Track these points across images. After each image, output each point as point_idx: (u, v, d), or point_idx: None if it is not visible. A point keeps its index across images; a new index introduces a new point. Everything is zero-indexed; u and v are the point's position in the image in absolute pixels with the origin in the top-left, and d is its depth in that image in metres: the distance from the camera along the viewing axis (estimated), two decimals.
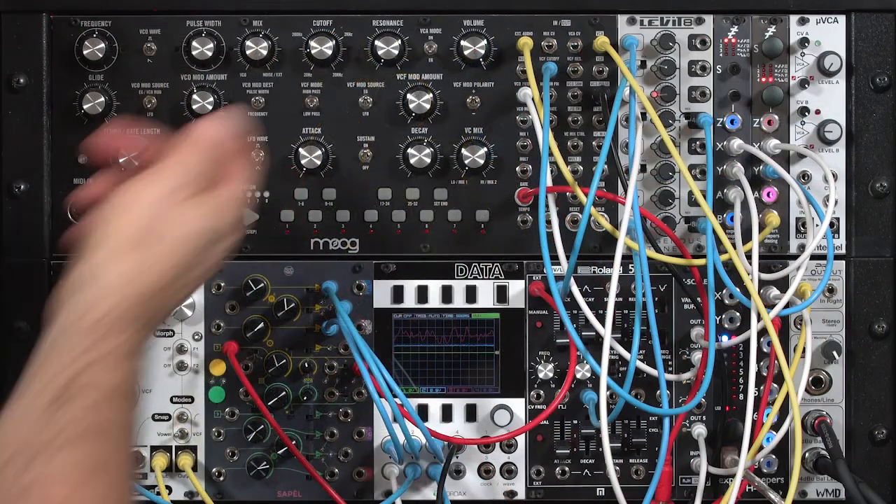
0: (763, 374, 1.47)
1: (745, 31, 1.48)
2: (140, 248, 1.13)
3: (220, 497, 1.50)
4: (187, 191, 1.16)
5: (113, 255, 1.12)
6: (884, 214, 1.48)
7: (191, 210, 1.16)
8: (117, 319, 1.10)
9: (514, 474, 1.50)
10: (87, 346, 1.08)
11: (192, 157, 1.18)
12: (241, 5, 1.47)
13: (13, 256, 1.48)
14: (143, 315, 1.12)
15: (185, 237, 1.15)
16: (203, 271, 1.18)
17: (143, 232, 1.13)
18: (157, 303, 1.13)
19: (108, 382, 1.08)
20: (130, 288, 1.11)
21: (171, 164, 1.17)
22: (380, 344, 1.49)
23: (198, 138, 1.19)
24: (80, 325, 1.09)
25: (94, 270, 1.12)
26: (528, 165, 1.48)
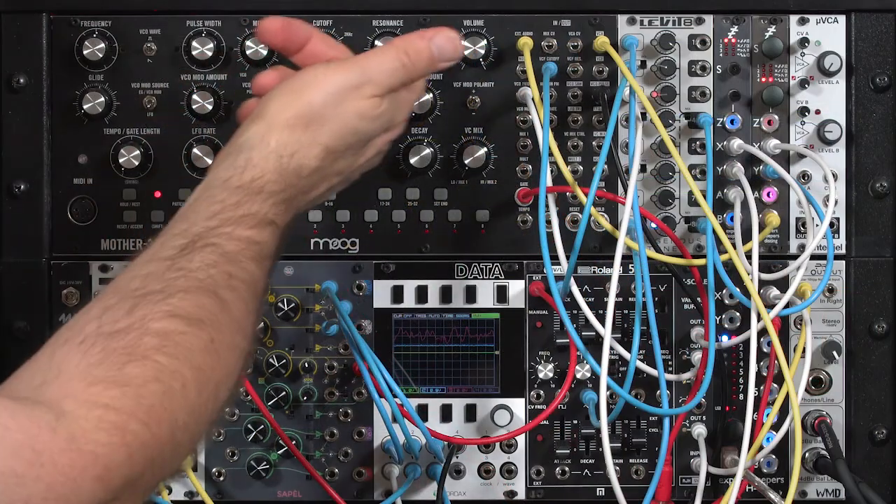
0: (763, 374, 1.47)
1: (745, 31, 1.48)
2: (308, 127, 1.17)
3: (220, 497, 1.50)
4: (374, 91, 1.19)
5: (280, 127, 1.16)
6: (884, 214, 1.48)
7: (366, 109, 1.19)
8: (266, 185, 1.14)
9: (514, 474, 1.50)
10: (230, 203, 1.12)
11: (398, 64, 1.21)
12: (241, 5, 1.47)
13: (13, 256, 1.48)
14: (288, 190, 1.15)
15: (349, 129, 1.19)
16: (354, 166, 1.23)
17: (315, 113, 1.17)
18: (305, 183, 1.17)
19: (237, 242, 1.10)
20: (287, 161, 1.15)
21: (373, 60, 1.20)
22: (380, 344, 1.49)
23: (415, 53, 1.22)
24: (230, 183, 1.13)
25: (258, 137, 1.16)
26: (528, 165, 1.48)
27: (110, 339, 0.98)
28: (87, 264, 1.48)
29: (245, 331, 1.08)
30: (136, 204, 1.48)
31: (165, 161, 1.48)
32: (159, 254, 1.08)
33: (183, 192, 1.48)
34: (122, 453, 0.93)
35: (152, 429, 0.95)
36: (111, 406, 0.93)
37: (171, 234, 1.10)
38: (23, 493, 0.87)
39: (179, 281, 1.05)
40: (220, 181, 1.14)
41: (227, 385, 1.05)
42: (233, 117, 1.47)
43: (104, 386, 0.94)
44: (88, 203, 1.48)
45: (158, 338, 0.99)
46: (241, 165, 1.15)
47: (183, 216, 1.13)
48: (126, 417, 0.94)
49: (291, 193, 1.17)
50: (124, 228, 1.48)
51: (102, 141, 1.48)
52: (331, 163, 1.20)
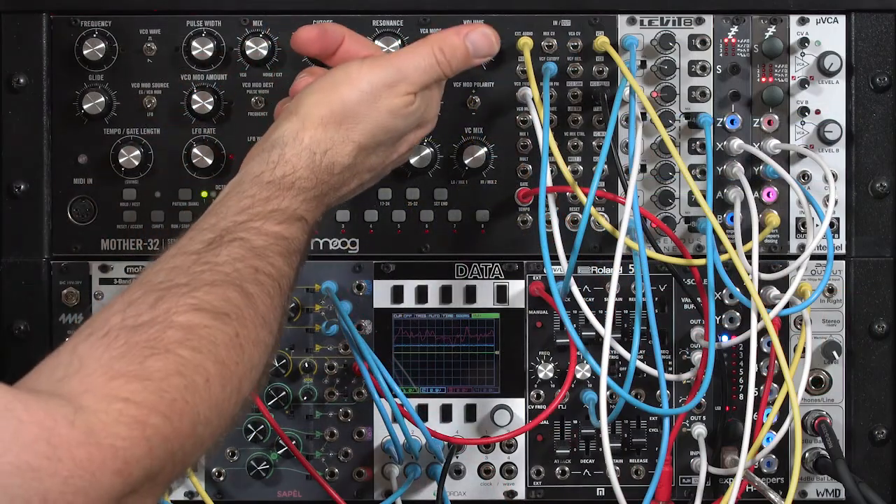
0: (763, 374, 1.47)
1: (745, 31, 1.48)
2: (342, 124, 1.19)
3: (220, 497, 1.50)
4: (408, 89, 1.21)
5: (313, 124, 1.18)
6: (884, 214, 1.48)
7: (399, 106, 1.21)
8: (298, 181, 1.15)
9: (514, 474, 1.50)
10: (260, 198, 1.13)
11: (432, 60, 1.23)
12: (241, 5, 1.47)
13: (13, 256, 1.48)
14: (319, 187, 1.17)
15: (382, 127, 1.21)
16: (386, 163, 1.25)
17: (349, 111, 1.19)
18: (337, 180, 1.19)
19: (267, 237, 1.11)
20: (320, 158, 1.17)
21: (408, 58, 1.22)
22: (380, 344, 1.49)
23: (450, 49, 1.23)
24: (261, 178, 1.15)
25: (291, 134, 1.18)
26: (528, 165, 1.48)
27: (133, 332, 0.98)
28: (87, 264, 1.48)
29: (270, 326, 1.08)
30: (136, 204, 1.48)
31: (165, 161, 1.48)
32: (186, 248, 1.08)
33: (183, 192, 1.48)
34: (143, 447, 0.92)
35: (174, 423, 0.95)
36: (132, 400, 0.93)
37: (200, 228, 1.11)
38: (39, 487, 0.87)
39: (205, 275, 1.05)
40: (252, 176, 1.15)
41: (250, 379, 1.05)
42: (233, 117, 1.48)
43: (125, 380, 0.94)
44: (88, 203, 1.48)
45: (182, 331, 0.99)
46: (273, 161, 1.16)
47: (213, 211, 1.13)
48: (147, 411, 0.93)
49: (323, 190, 1.18)
50: (124, 228, 1.48)
51: (102, 141, 1.48)
52: (363, 160, 1.21)
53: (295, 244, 1.14)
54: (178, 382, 0.96)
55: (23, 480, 0.86)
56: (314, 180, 1.17)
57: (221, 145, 1.47)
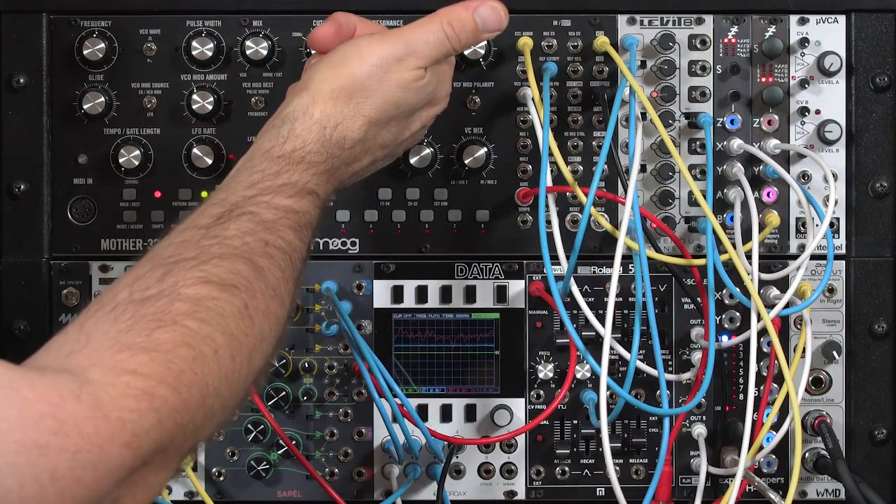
0: (763, 374, 1.47)
1: (745, 31, 1.48)
2: (352, 98, 1.20)
3: (220, 497, 1.50)
4: (418, 63, 1.22)
5: (324, 98, 1.19)
6: (884, 214, 1.48)
7: (409, 80, 1.21)
8: (308, 155, 1.16)
9: (514, 474, 1.50)
10: (270, 172, 1.13)
11: (442, 35, 1.23)
12: (241, 5, 1.47)
13: (13, 256, 1.48)
14: (329, 161, 1.17)
15: (392, 101, 1.21)
16: (398, 140, 1.25)
17: (358, 85, 1.20)
18: (348, 155, 1.19)
19: (277, 210, 1.11)
20: (331, 132, 1.18)
21: (417, 32, 1.22)
22: (380, 344, 1.49)
23: (459, 23, 1.24)
24: (272, 153, 1.15)
25: (301, 109, 1.18)
26: (528, 165, 1.48)
27: (141, 305, 0.97)
28: (87, 264, 1.48)
29: (281, 298, 1.08)
30: (136, 204, 1.48)
31: (165, 161, 1.48)
32: (196, 222, 1.08)
33: (183, 192, 1.48)
34: (152, 419, 0.92)
35: (182, 394, 0.94)
36: (139, 372, 0.92)
37: (210, 203, 1.11)
38: (47, 464, 0.86)
39: (214, 248, 1.05)
40: (262, 151, 1.16)
41: (261, 351, 1.05)
42: (233, 117, 1.48)
43: (132, 352, 0.94)
44: (88, 203, 1.48)
45: (190, 303, 0.99)
46: (283, 136, 1.17)
47: (223, 186, 1.14)
48: (155, 383, 0.93)
49: (334, 164, 1.18)
50: (124, 228, 1.48)
51: (102, 141, 1.48)
52: (374, 135, 1.21)
53: (306, 218, 1.14)
54: (186, 353, 0.96)
55: (29, 458, 0.85)
56: (324, 154, 1.17)
57: (221, 145, 1.47)
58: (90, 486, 0.88)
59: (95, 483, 0.89)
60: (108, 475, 0.89)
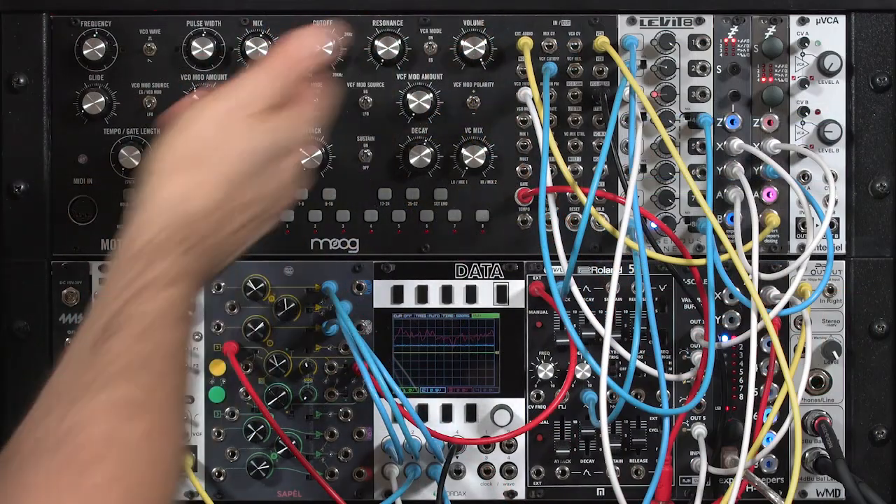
0: (763, 374, 1.47)
1: (745, 31, 1.48)
2: (193, 167, 1.11)
3: (220, 497, 1.50)
4: (253, 108, 1.13)
5: (165, 177, 1.10)
6: (884, 214, 1.48)
7: (252, 126, 1.13)
8: (162, 243, 1.07)
9: (514, 474, 1.50)
10: (132, 275, 1.06)
11: (264, 75, 1.15)
12: (241, 5, 1.47)
13: (13, 256, 1.48)
14: (190, 238, 1.08)
15: (241, 153, 1.12)
16: (264, 195, 1.15)
17: (198, 149, 1.11)
18: (209, 225, 1.10)
19: (152, 312, 1.05)
20: (177, 210, 1.09)
21: (242, 81, 1.15)
22: (380, 344, 1.49)
23: (276, 57, 1.16)
24: (127, 253, 1.07)
25: (146, 196, 1.10)
26: (528, 165, 1.48)
27: (54, 454, 0.97)
28: (87, 264, 1.48)
29: (177, 399, 1.07)
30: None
31: None
32: (83, 341, 1.05)
33: None
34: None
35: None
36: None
37: (91, 319, 1.07)
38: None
39: (101, 376, 1.02)
40: (123, 253, 1.09)
41: (179, 455, 1.06)
42: None
43: (67, 500, 0.95)
44: (88, 203, 1.48)
45: (101, 444, 0.98)
46: (133, 232, 1.09)
47: (101, 293, 1.08)
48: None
49: (196, 240, 1.10)
50: None
51: (102, 141, 1.48)
52: (233, 196, 1.12)
53: (181, 309, 1.08)
54: (118, 488, 0.97)
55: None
56: (183, 233, 1.09)
57: None
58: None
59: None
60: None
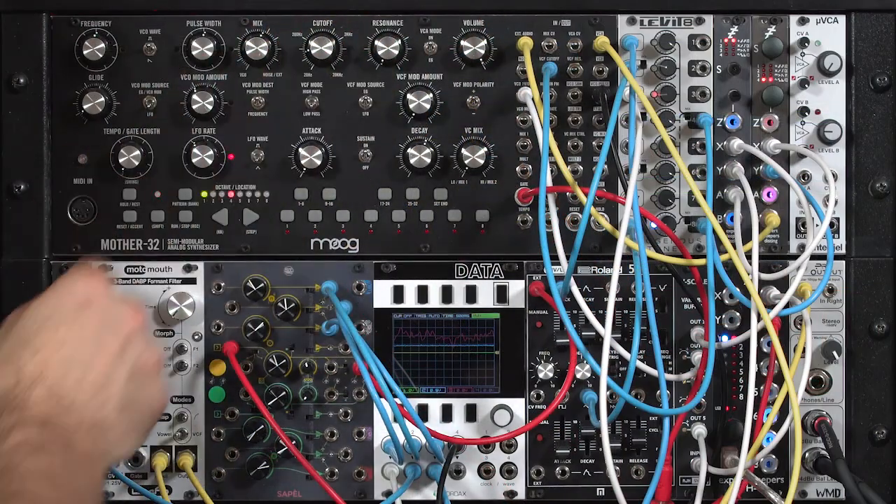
0: (763, 374, 1.47)
1: (745, 31, 1.48)
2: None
3: (220, 497, 1.50)
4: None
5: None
6: (884, 214, 1.48)
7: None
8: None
9: (514, 474, 1.50)
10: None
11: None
12: (241, 5, 1.47)
13: (13, 256, 1.48)
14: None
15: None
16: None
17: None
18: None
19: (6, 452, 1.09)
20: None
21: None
22: (380, 344, 1.49)
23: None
24: None
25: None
26: (528, 165, 1.48)
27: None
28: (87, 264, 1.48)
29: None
30: (136, 204, 1.48)
31: (165, 161, 1.48)
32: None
33: (183, 192, 1.48)
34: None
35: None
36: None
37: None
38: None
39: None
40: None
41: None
42: (233, 117, 1.48)
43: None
44: (88, 203, 1.48)
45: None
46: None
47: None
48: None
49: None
50: (124, 228, 1.48)
51: (102, 141, 1.48)
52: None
53: (34, 443, 1.11)
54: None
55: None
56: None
57: (221, 145, 1.47)
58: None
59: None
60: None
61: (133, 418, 1.23)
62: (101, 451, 1.18)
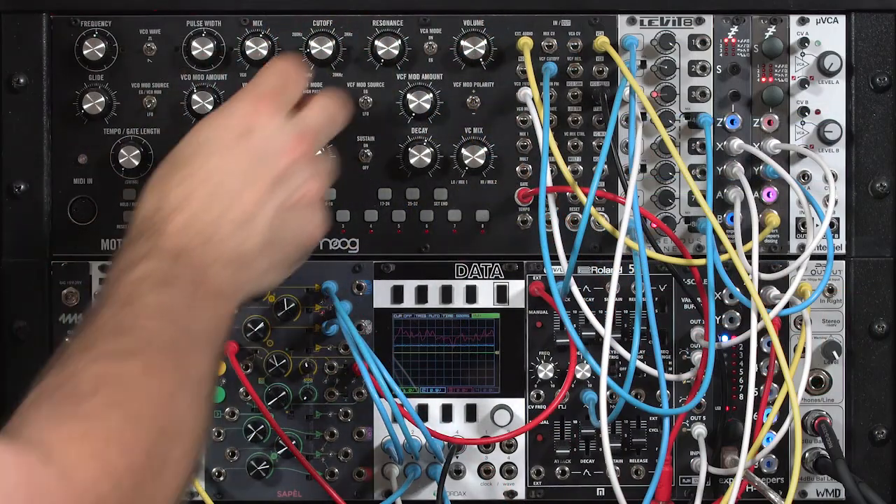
0: (763, 374, 1.47)
1: (745, 31, 1.48)
2: (169, 175, 1.19)
3: (220, 497, 1.50)
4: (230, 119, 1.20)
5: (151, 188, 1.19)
6: (884, 214, 1.48)
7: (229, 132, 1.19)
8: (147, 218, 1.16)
9: (514, 474, 1.50)
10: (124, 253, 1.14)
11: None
12: (241, 5, 1.47)
13: (13, 256, 1.48)
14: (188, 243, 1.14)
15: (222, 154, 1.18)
16: (263, 182, 1.18)
17: (177, 162, 1.19)
18: (205, 222, 1.15)
19: (134, 280, 1.10)
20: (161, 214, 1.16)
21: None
22: (380, 344, 1.49)
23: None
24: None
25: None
26: (528, 165, 1.48)
27: (54, 392, 0.99)
28: (87, 264, 1.48)
29: (171, 352, 1.07)
30: (135, 204, 1.48)
31: None
32: (75, 334, 1.09)
33: None
34: (109, 483, 0.93)
35: (128, 456, 0.95)
36: (86, 437, 0.94)
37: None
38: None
39: (93, 338, 1.05)
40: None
41: (182, 398, 1.05)
42: None
43: (72, 423, 0.95)
44: (88, 203, 1.48)
45: (94, 380, 0.99)
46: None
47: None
48: (103, 446, 0.94)
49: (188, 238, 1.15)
50: (124, 228, 1.48)
51: (102, 141, 1.48)
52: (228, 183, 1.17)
53: (157, 276, 1.11)
54: (117, 417, 0.97)
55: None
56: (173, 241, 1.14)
57: None
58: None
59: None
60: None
61: (278, 255, 1.21)
62: (236, 287, 1.17)
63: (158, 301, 1.08)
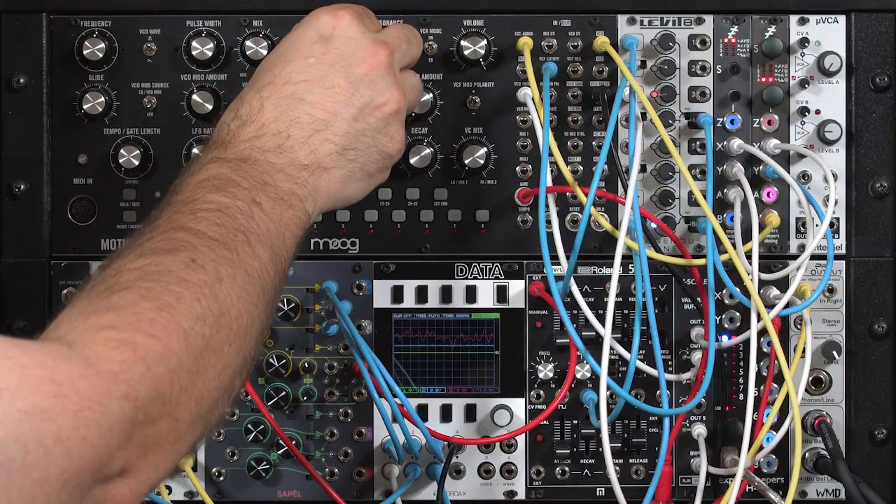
0: (763, 374, 1.47)
1: (745, 31, 1.48)
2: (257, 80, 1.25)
3: (220, 497, 1.50)
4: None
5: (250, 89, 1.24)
6: (884, 214, 1.48)
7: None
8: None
9: (514, 474, 1.50)
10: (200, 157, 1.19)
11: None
12: (241, 5, 1.47)
13: (13, 256, 1.48)
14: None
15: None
16: (357, 133, 1.21)
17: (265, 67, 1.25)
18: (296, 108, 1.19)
19: (191, 184, 1.14)
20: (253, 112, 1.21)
21: None
22: (380, 344, 1.49)
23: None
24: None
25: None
26: (528, 165, 1.48)
27: (92, 289, 1.01)
28: (87, 264, 1.48)
29: (230, 246, 1.08)
30: (136, 204, 1.48)
31: (165, 161, 1.48)
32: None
33: None
34: (140, 367, 0.93)
35: (161, 340, 0.96)
36: (113, 325, 0.95)
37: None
38: (51, 427, 0.86)
39: (138, 240, 1.08)
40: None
41: (227, 292, 1.05)
42: None
43: (98, 314, 0.96)
44: (88, 203, 1.48)
45: (133, 272, 1.01)
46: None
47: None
48: (131, 332, 0.95)
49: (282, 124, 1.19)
50: (124, 228, 1.48)
51: (102, 141, 1.48)
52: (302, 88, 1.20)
53: (216, 181, 1.14)
54: (149, 305, 0.98)
55: (33, 424, 0.85)
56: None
57: None
58: (96, 444, 0.89)
59: (101, 440, 0.89)
60: (111, 430, 0.90)
61: (355, 163, 1.22)
62: (307, 192, 1.18)
63: (215, 199, 1.11)
